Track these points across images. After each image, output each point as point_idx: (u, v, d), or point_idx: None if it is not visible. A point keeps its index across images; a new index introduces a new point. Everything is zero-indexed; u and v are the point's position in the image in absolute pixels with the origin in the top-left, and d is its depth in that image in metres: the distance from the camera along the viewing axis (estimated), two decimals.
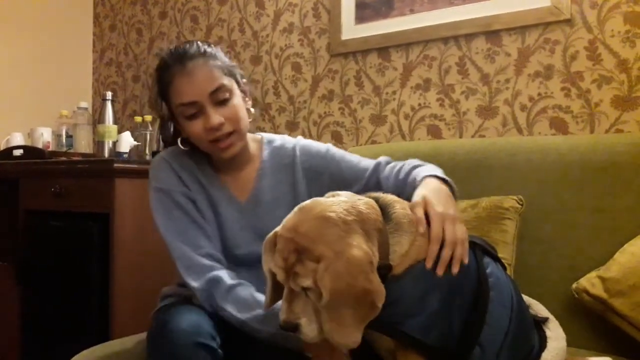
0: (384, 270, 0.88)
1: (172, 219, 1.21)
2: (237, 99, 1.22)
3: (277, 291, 0.96)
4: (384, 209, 0.95)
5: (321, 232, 0.86)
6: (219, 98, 1.18)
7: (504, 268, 1.06)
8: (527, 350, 0.99)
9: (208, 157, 1.28)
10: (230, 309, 1.10)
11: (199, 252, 1.17)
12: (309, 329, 0.87)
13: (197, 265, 1.16)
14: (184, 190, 1.23)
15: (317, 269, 0.83)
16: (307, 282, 0.85)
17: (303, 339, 0.89)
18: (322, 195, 0.98)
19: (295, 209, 0.93)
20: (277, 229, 0.92)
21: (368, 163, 1.29)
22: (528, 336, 1.01)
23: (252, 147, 1.32)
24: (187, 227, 1.20)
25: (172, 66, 1.20)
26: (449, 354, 0.90)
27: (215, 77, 1.18)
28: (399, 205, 0.96)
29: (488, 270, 0.98)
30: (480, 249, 1.01)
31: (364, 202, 0.92)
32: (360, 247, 0.84)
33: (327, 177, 1.29)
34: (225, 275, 1.14)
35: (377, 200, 0.96)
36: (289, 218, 0.91)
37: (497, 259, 1.05)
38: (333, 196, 0.95)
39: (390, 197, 0.99)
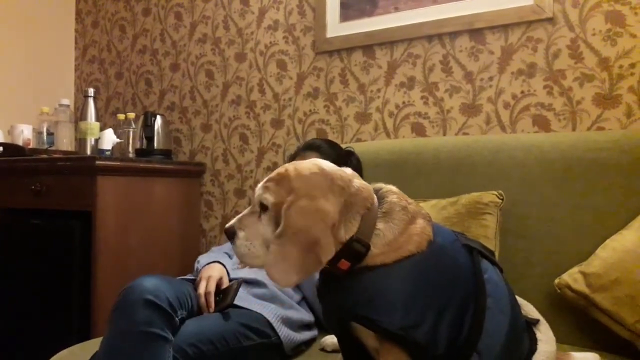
0: (360, 247, 0.90)
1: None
2: None
3: None
4: (381, 197, 0.96)
5: (309, 175, 0.92)
6: None
7: (501, 271, 1.04)
8: (520, 352, 0.98)
9: None
10: None
11: None
12: (241, 243, 0.94)
13: None
14: None
15: (287, 199, 0.90)
16: (269, 199, 0.92)
17: (234, 251, 0.96)
18: None
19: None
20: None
21: None
22: (521, 339, 0.99)
23: None
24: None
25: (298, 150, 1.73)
26: (438, 356, 0.87)
27: None
28: (395, 196, 0.96)
29: (486, 276, 0.96)
30: (477, 253, 0.99)
31: (360, 183, 0.95)
32: (332, 204, 0.89)
33: None
34: None
35: (378, 190, 0.98)
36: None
37: (494, 263, 1.03)
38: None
39: (390, 188, 0.99)
